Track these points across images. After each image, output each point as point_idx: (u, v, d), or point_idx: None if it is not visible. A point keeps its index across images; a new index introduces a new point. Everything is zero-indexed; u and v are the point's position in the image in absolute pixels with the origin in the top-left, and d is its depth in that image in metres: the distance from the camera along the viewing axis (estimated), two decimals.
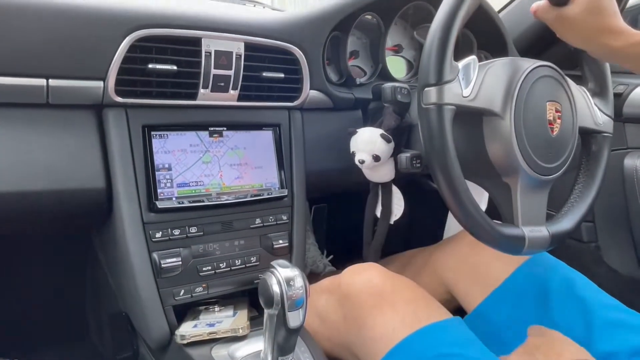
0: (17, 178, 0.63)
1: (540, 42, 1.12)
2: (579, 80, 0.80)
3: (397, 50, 1.03)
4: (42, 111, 0.65)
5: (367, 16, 0.93)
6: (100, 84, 0.65)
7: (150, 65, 0.67)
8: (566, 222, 0.72)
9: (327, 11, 0.83)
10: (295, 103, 0.83)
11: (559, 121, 0.69)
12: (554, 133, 0.68)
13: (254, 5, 1.25)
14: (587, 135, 0.77)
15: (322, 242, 1.30)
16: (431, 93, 0.60)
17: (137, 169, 0.69)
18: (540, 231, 0.67)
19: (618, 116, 1.00)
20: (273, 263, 0.55)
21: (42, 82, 0.62)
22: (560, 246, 0.70)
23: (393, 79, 0.99)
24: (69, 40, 0.62)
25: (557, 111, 0.69)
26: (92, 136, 0.68)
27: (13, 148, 0.63)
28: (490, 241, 0.64)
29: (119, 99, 0.67)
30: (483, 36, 1.03)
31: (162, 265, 0.68)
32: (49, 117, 0.65)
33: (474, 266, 0.83)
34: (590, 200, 0.76)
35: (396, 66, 1.03)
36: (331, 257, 1.23)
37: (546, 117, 0.67)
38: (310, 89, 0.84)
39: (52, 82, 0.62)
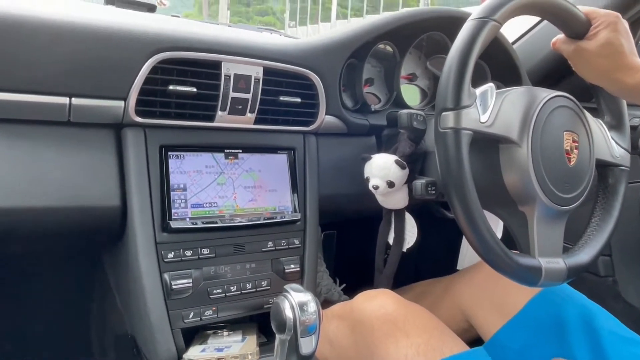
0: (34, 194, 0.64)
1: (555, 74, 1.13)
2: (595, 112, 0.80)
3: (411, 78, 1.04)
4: (62, 129, 0.66)
5: (382, 45, 0.95)
6: (121, 103, 0.66)
7: (170, 87, 0.68)
8: (583, 255, 0.71)
9: (345, 39, 0.85)
10: (311, 127, 0.84)
11: (576, 151, 0.69)
12: (571, 163, 0.68)
13: (271, 33, 1.29)
14: (604, 168, 0.77)
15: (331, 269, 1.29)
16: (449, 117, 0.60)
17: (153, 188, 0.70)
18: (557, 263, 0.66)
19: (634, 149, 0.99)
20: (286, 287, 0.55)
21: (65, 100, 0.63)
22: (576, 280, 0.69)
23: (407, 107, 1.00)
24: (93, 60, 0.64)
25: (574, 141, 0.69)
26: (109, 154, 0.69)
27: (31, 164, 0.64)
28: (506, 271, 0.62)
29: (139, 119, 0.68)
30: (497, 66, 1.05)
31: (173, 287, 0.68)
32: (69, 134, 0.66)
33: (492, 294, 0.81)
34: (608, 234, 0.75)
35: (410, 94, 1.04)
36: (343, 285, 1.22)
37: (563, 147, 0.67)
38: (326, 114, 0.85)
39: (75, 100, 0.63)
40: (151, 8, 1.05)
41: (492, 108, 0.64)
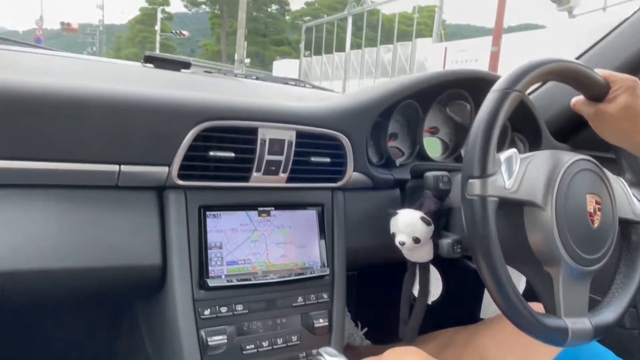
0: (80, 254, 0.66)
1: (572, 126, 1.15)
2: (614, 166, 0.82)
3: (433, 132, 1.07)
4: (109, 192, 0.69)
5: (406, 102, 0.98)
6: (166, 169, 0.70)
7: (211, 153, 0.72)
8: (609, 314, 0.71)
9: (372, 101, 0.89)
10: (339, 184, 0.87)
11: (599, 213, 0.70)
12: (595, 225, 0.69)
13: (296, 84, 1.34)
14: (627, 225, 0.77)
15: (352, 311, 1.30)
16: (475, 185, 0.63)
17: (192, 247, 0.73)
18: (583, 323, 0.66)
19: None
20: (321, 350, 0.57)
21: (115, 168, 0.67)
22: None
23: (429, 159, 1.03)
24: (143, 131, 0.68)
25: (597, 203, 0.70)
26: (152, 215, 0.72)
27: (79, 226, 0.67)
28: (532, 332, 0.64)
29: (180, 182, 0.72)
30: (517, 120, 1.07)
31: (209, 343, 0.70)
32: (115, 197, 0.70)
33: (518, 347, 0.81)
34: (633, 290, 0.75)
35: (432, 147, 1.07)
36: (365, 329, 1.22)
37: (586, 210, 0.69)
38: (353, 171, 0.88)
39: (124, 168, 0.67)
40: (186, 65, 1.10)
41: (516, 174, 0.66)
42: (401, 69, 10.96)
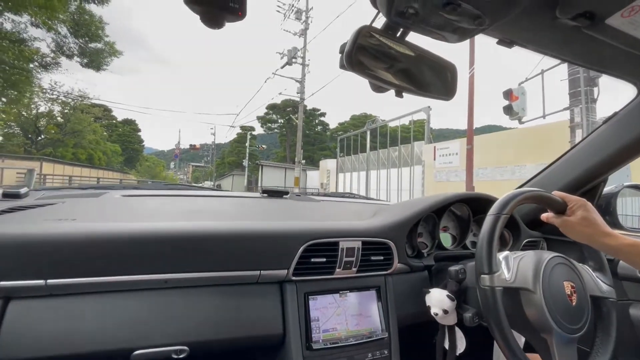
0: (232, 328, 0.68)
1: (538, 220, 1.13)
2: (581, 257, 0.80)
3: (445, 229, 1.10)
4: (250, 286, 0.73)
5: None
6: (285, 271, 0.75)
7: (312, 259, 0.78)
8: None
9: (408, 218, 0.92)
10: (389, 272, 0.89)
11: (575, 294, 0.69)
12: (574, 303, 0.68)
13: (349, 195, 1.41)
14: (597, 300, 0.75)
15: None
16: (486, 279, 0.65)
17: (300, 321, 0.75)
18: None
19: (614, 275, 0.94)
20: None
21: (257, 272, 0.73)
22: None
23: (445, 248, 1.04)
24: (275, 249, 0.74)
25: (572, 287, 0.69)
26: (276, 300, 0.75)
27: (232, 309, 0.69)
28: None
29: (294, 278, 0.77)
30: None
31: None
32: (253, 289, 0.73)
33: None
34: (610, 352, 0.71)
35: (445, 240, 1.08)
36: None
37: (565, 292, 0.68)
38: (397, 262, 0.90)
39: (263, 272, 0.73)
40: (285, 193, 1.22)
41: (512, 269, 0.68)
42: (405, 162, 11.09)
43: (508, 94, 5.78)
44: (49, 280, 0.57)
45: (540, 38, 0.58)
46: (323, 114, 33.10)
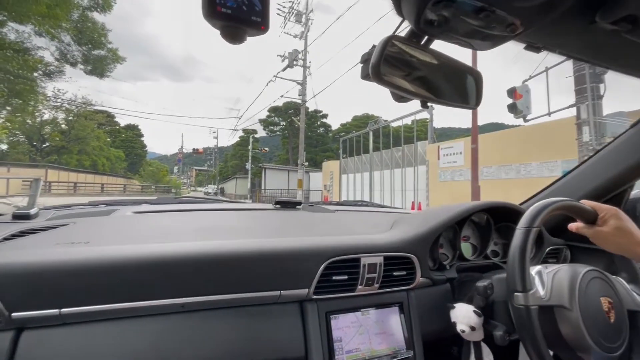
0: (244, 353, 0.65)
1: (560, 227, 1.09)
2: (608, 263, 0.76)
3: (466, 239, 1.06)
4: (270, 306, 0.71)
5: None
6: (306, 290, 0.73)
7: (334, 277, 0.75)
8: None
9: (430, 231, 0.89)
10: (411, 286, 0.86)
11: (612, 311, 0.65)
12: (612, 320, 0.65)
13: (362, 203, 1.38)
14: (634, 314, 0.71)
15: None
16: (520, 298, 0.62)
17: (322, 341, 0.72)
18: None
19: None
20: None
21: (277, 293, 0.70)
22: None
23: (465, 259, 1.00)
24: (296, 268, 0.72)
25: (609, 303, 0.66)
26: (297, 321, 0.72)
27: (246, 332, 0.66)
28: None
29: (314, 297, 0.74)
30: None
31: None
32: (273, 309, 0.71)
33: None
34: None
35: (466, 250, 1.05)
36: None
37: (603, 309, 0.65)
38: (420, 277, 0.87)
39: (283, 292, 0.71)
40: (298, 204, 1.19)
41: (547, 285, 0.65)
42: (408, 162, 11.04)
43: (512, 92, 5.73)
44: (63, 309, 0.55)
45: (574, 43, 0.55)
46: (325, 116, 33.12)
